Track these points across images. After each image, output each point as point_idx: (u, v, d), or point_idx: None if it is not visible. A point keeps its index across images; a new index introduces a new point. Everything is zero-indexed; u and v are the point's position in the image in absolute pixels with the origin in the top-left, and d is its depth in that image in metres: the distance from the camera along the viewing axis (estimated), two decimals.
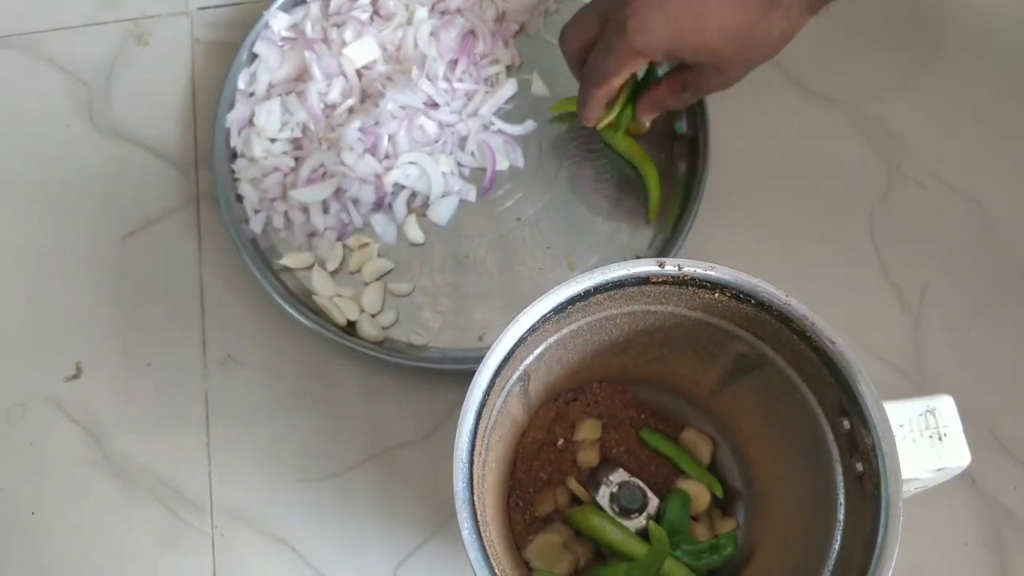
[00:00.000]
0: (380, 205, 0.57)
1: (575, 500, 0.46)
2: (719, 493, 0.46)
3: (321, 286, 0.54)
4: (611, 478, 0.46)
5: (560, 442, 0.47)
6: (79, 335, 0.55)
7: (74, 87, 0.61)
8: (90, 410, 0.54)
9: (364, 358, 0.52)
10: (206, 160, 0.58)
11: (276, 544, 0.51)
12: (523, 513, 0.46)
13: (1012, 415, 0.53)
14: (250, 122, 0.57)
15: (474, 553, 0.34)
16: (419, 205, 0.57)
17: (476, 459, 0.36)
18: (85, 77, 0.61)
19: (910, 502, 0.36)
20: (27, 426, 0.53)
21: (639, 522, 0.45)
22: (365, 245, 0.55)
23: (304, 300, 0.54)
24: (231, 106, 0.58)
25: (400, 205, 0.56)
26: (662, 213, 0.57)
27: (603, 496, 0.46)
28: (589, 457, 0.46)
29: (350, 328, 0.54)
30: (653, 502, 0.45)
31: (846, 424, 0.37)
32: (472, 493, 0.35)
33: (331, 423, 0.53)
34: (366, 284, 0.55)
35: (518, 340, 0.38)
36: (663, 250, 0.55)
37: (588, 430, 0.47)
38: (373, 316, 0.54)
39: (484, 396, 0.37)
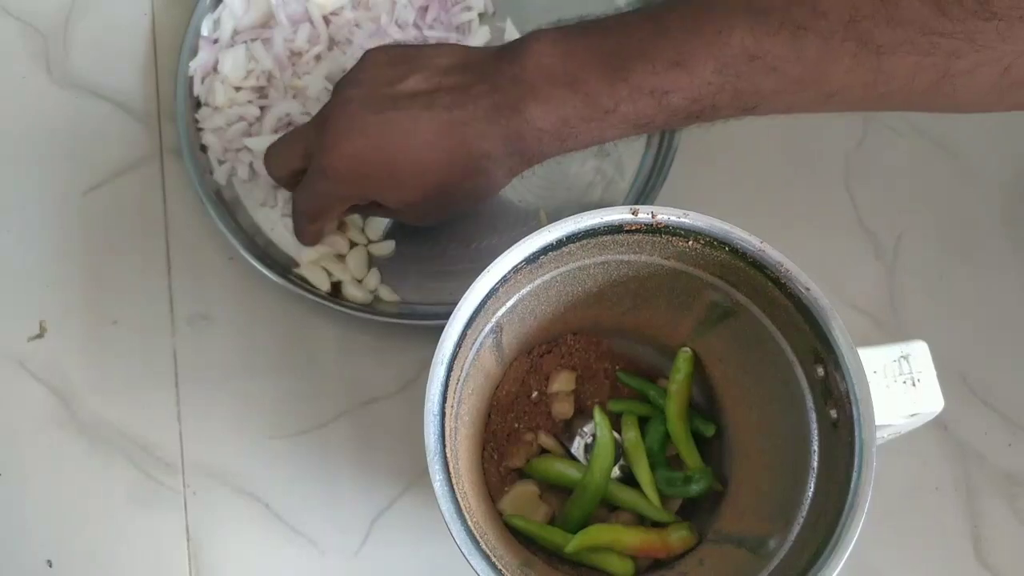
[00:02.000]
0: None
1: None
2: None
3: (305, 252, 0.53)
4: (585, 429, 0.46)
5: (534, 394, 0.47)
6: (42, 293, 0.54)
7: (30, 37, 0.59)
8: (56, 370, 0.53)
9: (335, 314, 0.52)
10: (169, 111, 0.57)
11: (250, 501, 0.51)
12: (497, 465, 0.45)
13: (984, 361, 0.54)
14: (214, 69, 0.56)
15: (446, 505, 0.34)
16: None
17: (448, 412, 0.36)
18: (41, 26, 0.59)
19: (883, 449, 0.36)
20: None
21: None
22: None
23: (272, 254, 0.53)
24: (194, 53, 0.56)
25: None
26: (639, 163, 0.56)
27: (578, 448, 0.46)
28: (564, 409, 0.46)
29: (333, 290, 0.53)
30: None
31: (820, 371, 0.37)
32: (444, 446, 0.35)
33: (302, 379, 0.52)
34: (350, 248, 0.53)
35: (489, 291, 0.37)
36: (637, 200, 0.55)
37: (562, 382, 0.47)
38: (359, 281, 0.53)
39: (455, 349, 0.36)
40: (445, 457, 0.35)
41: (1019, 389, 0.53)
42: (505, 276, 0.37)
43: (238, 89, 0.55)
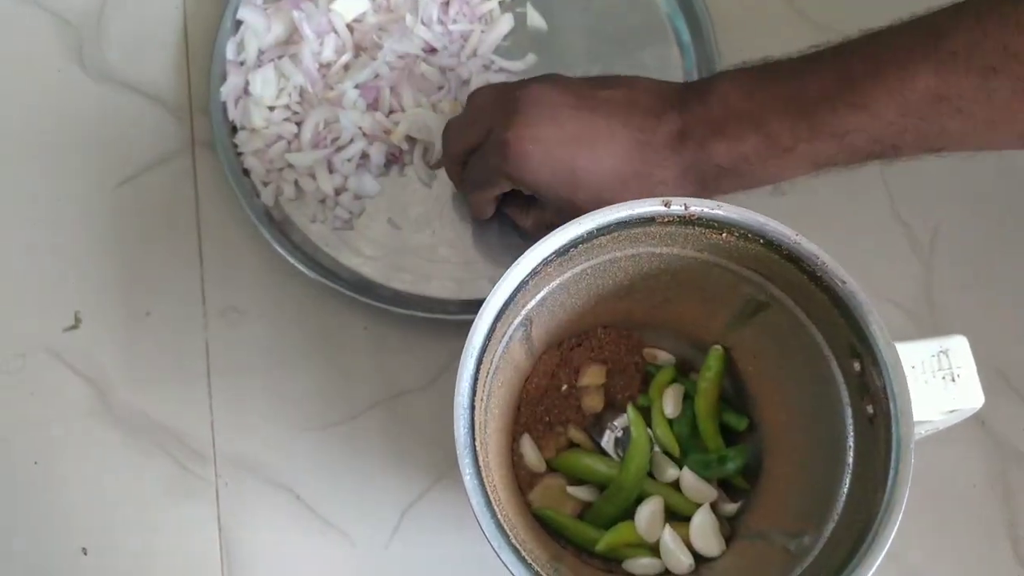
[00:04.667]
0: (396, 161, 0.55)
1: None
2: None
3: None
4: (616, 423, 0.46)
5: (564, 388, 0.47)
6: (76, 285, 0.54)
7: (63, 30, 0.59)
8: (90, 360, 0.53)
9: (365, 307, 0.52)
10: (201, 104, 0.57)
11: (281, 492, 0.51)
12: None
13: (1023, 356, 0.52)
14: (245, 92, 0.55)
15: (476, 499, 0.33)
16: (436, 160, 0.55)
17: (478, 405, 0.36)
18: (74, 20, 0.60)
19: (918, 445, 0.36)
20: (27, 377, 0.53)
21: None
22: None
23: (303, 248, 0.53)
24: (223, 79, 0.56)
25: (418, 161, 0.55)
26: None
27: (608, 441, 0.46)
28: (594, 402, 0.46)
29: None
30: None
31: (856, 366, 0.37)
32: (474, 439, 0.35)
33: (333, 372, 0.53)
34: None
35: (519, 284, 0.37)
36: None
37: (592, 376, 0.46)
38: None
39: (485, 342, 0.36)
40: (475, 450, 0.34)
41: None
42: (535, 269, 0.37)
43: (272, 109, 0.55)
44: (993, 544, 0.50)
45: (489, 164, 0.45)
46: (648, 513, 0.42)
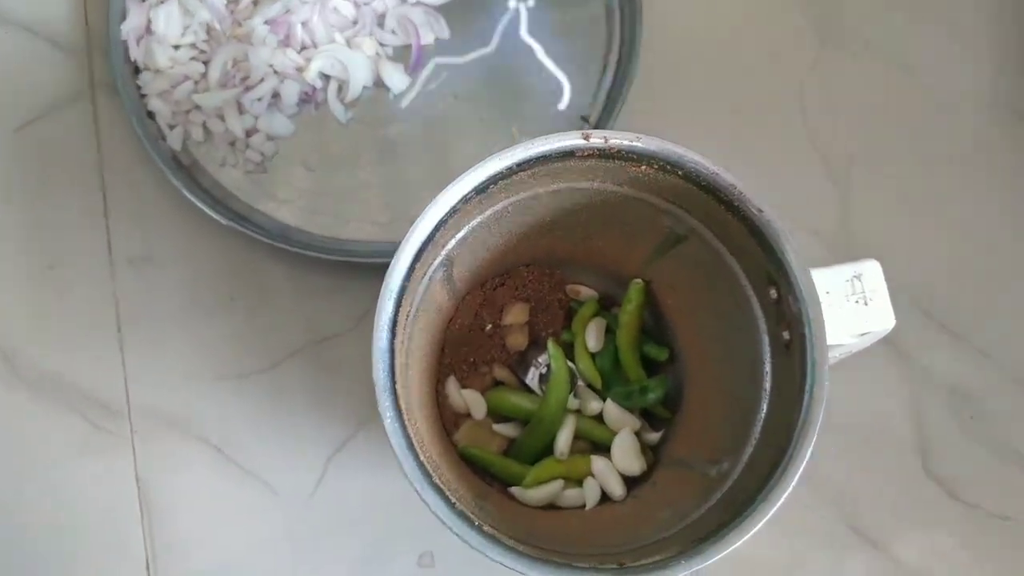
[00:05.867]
0: (309, 100, 0.54)
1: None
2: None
3: None
4: (540, 360, 0.46)
5: (488, 327, 0.46)
6: None
7: None
8: None
9: (284, 254, 0.50)
10: (100, 44, 0.54)
11: (200, 444, 0.50)
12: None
13: (934, 282, 0.54)
14: (147, 31, 0.53)
15: (397, 441, 0.33)
16: (352, 99, 0.54)
17: (398, 347, 0.35)
18: None
19: (834, 370, 0.36)
20: None
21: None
22: None
23: (213, 193, 0.51)
24: (123, 16, 0.53)
25: (333, 100, 0.53)
26: (597, 81, 0.55)
27: (532, 378, 0.46)
28: (518, 341, 0.46)
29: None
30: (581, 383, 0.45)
31: (773, 293, 0.37)
32: (394, 382, 0.34)
33: (252, 320, 0.51)
34: None
35: (438, 223, 0.36)
36: (605, 103, 0.54)
37: (516, 314, 0.46)
38: None
39: (403, 283, 0.35)
40: (395, 393, 0.34)
41: (968, 306, 0.54)
42: (454, 207, 0.36)
43: (177, 47, 0.53)
44: (904, 459, 0.52)
45: None
46: (566, 437, 0.43)
